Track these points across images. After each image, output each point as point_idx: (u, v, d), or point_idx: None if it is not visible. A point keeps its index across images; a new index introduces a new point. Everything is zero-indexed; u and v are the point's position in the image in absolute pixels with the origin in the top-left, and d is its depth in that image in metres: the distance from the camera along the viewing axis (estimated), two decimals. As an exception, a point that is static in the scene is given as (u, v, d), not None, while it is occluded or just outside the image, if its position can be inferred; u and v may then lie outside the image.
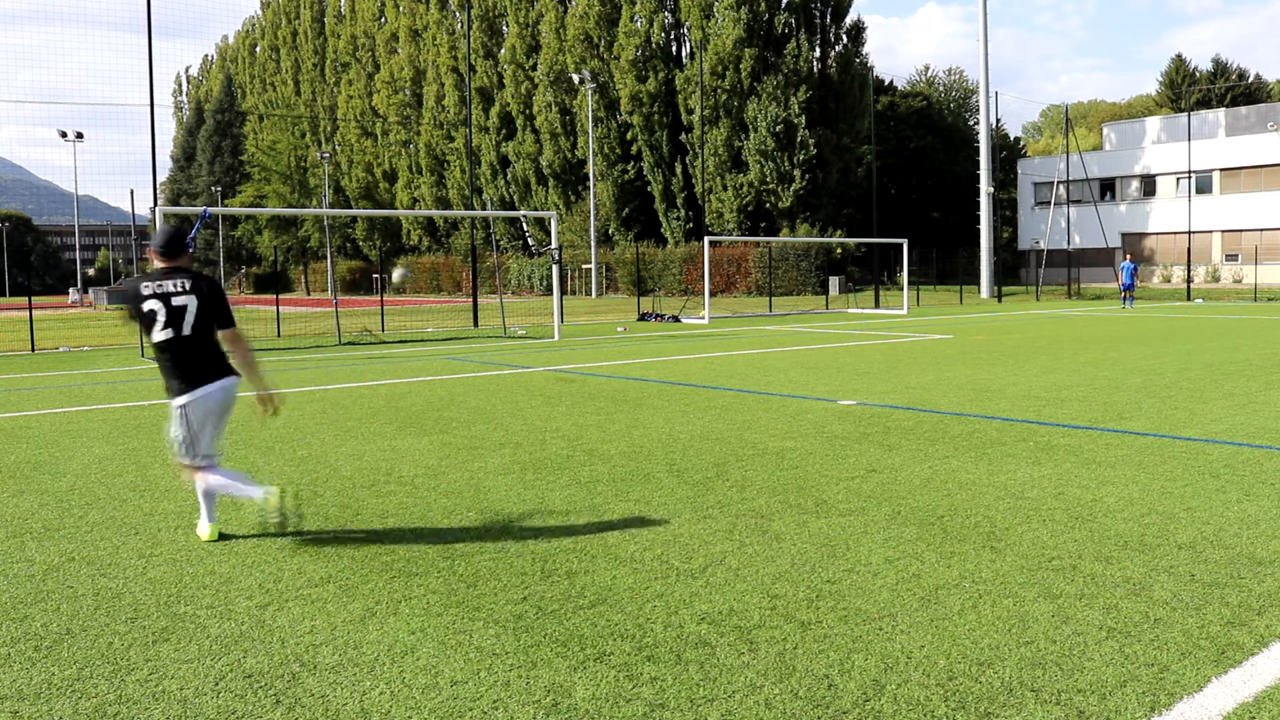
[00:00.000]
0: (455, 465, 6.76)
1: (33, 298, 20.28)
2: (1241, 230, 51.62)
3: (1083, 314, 27.60)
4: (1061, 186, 49.00)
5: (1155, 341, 16.63)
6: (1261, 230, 50.55)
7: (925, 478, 6.13)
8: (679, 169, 53.75)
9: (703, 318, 26.74)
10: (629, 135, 55.30)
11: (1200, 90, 63.92)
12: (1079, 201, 51.42)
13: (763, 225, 50.90)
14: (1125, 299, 32.78)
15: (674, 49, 55.62)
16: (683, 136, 53.49)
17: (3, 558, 4.76)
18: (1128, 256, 36.08)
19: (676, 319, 27.14)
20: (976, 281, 44.41)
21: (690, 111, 52.21)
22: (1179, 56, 78.82)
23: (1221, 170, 52.63)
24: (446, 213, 31.48)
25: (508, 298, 48.33)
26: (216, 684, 3.26)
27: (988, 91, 44.49)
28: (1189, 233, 47.10)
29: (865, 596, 3.98)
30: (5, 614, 3.97)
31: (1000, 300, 39.29)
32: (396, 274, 23.55)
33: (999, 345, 16.46)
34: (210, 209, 18.03)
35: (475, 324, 25.39)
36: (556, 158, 59.79)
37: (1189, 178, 51.26)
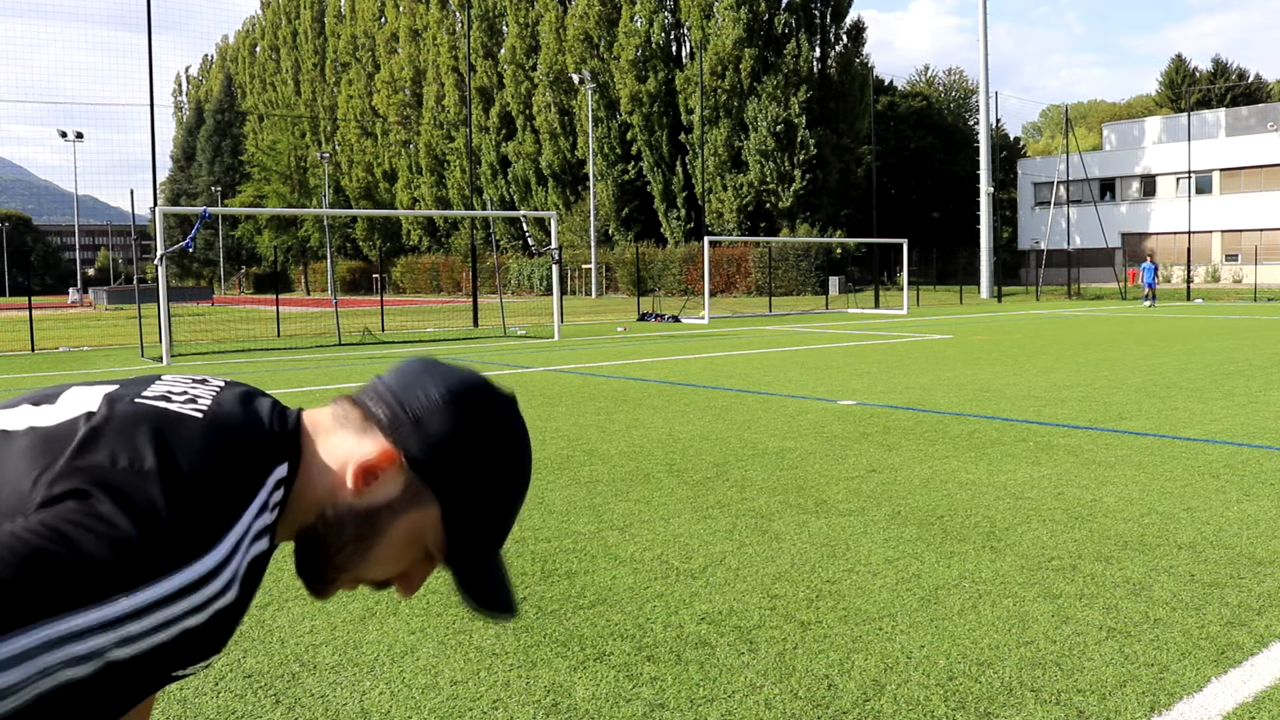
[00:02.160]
0: (455, 465, 6.74)
1: (33, 297, 20.29)
2: (1241, 230, 51.62)
3: (1083, 314, 27.60)
4: (1061, 187, 49.01)
5: (1155, 341, 16.63)
6: (1261, 230, 50.55)
7: (925, 478, 6.12)
8: (679, 169, 53.76)
9: (703, 318, 26.74)
10: (629, 135, 55.31)
11: (1200, 90, 63.93)
12: (1079, 201, 51.44)
13: (763, 225, 50.90)
14: (1147, 297, 33.36)
15: (674, 49, 55.63)
16: (683, 136, 53.49)
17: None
18: (1150, 257, 36.05)
19: (676, 319, 27.14)
20: (976, 281, 44.41)
21: (690, 111, 52.21)
22: (1179, 56, 78.84)
23: (1221, 170, 52.63)
24: (446, 213, 31.53)
25: (508, 298, 48.32)
26: (216, 684, 3.26)
27: (988, 91, 44.50)
28: (1189, 233, 47.11)
29: (865, 596, 3.98)
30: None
31: (1000, 300, 39.29)
32: None
33: (999, 345, 16.46)
34: (210, 209, 18.04)
35: (475, 324, 25.40)
36: (556, 158, 59.79)
37: (1189, 178, 51.28)
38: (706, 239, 28.75)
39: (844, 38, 53.24)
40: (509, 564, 4.46)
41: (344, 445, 1.10)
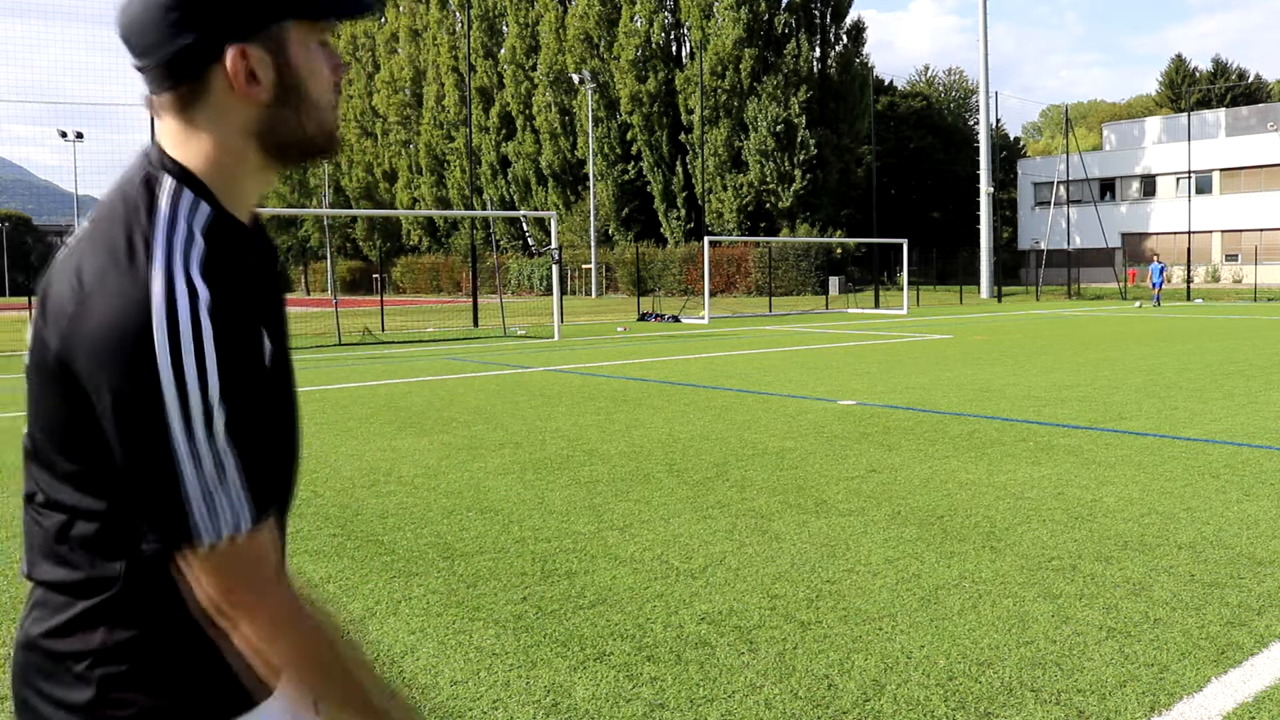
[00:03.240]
0: (455, 465, 6.76)
1: (33, 298, 20.29)
2: (1241, 230, 51.61)
3: (1083, 314, 27.61)
4: (1061, 187, 49.01)
5: (1155, 341, 16.63)
6: (1261, 230, 50.54)
7: (925, 478, 6.13)
8: (679, 169, 53.74)
9: (703, 318, 26.73)
10: (629, 135, 55.29)
11: (1200, 90, 63.93)
12: (1079, 202, 51.46)
13: (763, 225, 50.89)
14: (1154, 297, 33.47)
15: (674, 49, 55.62)
16: (683, 136, 53.48)
17: (3, 558, 4.76)
18: (1155, 258, 36.03)
19: (676, 319, 27.14)
20: (976, 281, 44.41)
21: (690, 111, 52.20)
22: (1179, 56, 78.86)
23: (1221, 170, 52.62)
24: (446, 213, 31.51)
25: (508, 298, 48.31)
26: (216, 684, 3.26)
27: (988, 91, 44.50)
28: (1189, 233, 47.09)
29: (865, 596, 3.98)
30: (5, 615, 3.97)
31: (1000, 300, 39.29)
32: None
33: (999, 345, 16.46)
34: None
35: (475, 324, 25.40)
36: (556, 158, 59.78)
37: (1189, 178, 51.27)
38: (706, 239, 28.75)
39: (844, 38, 53.25)
40: (510, 565, 4.47)
41: (191, 111, 1.12)
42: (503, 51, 63.35)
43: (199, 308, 1.02)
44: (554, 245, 22.04)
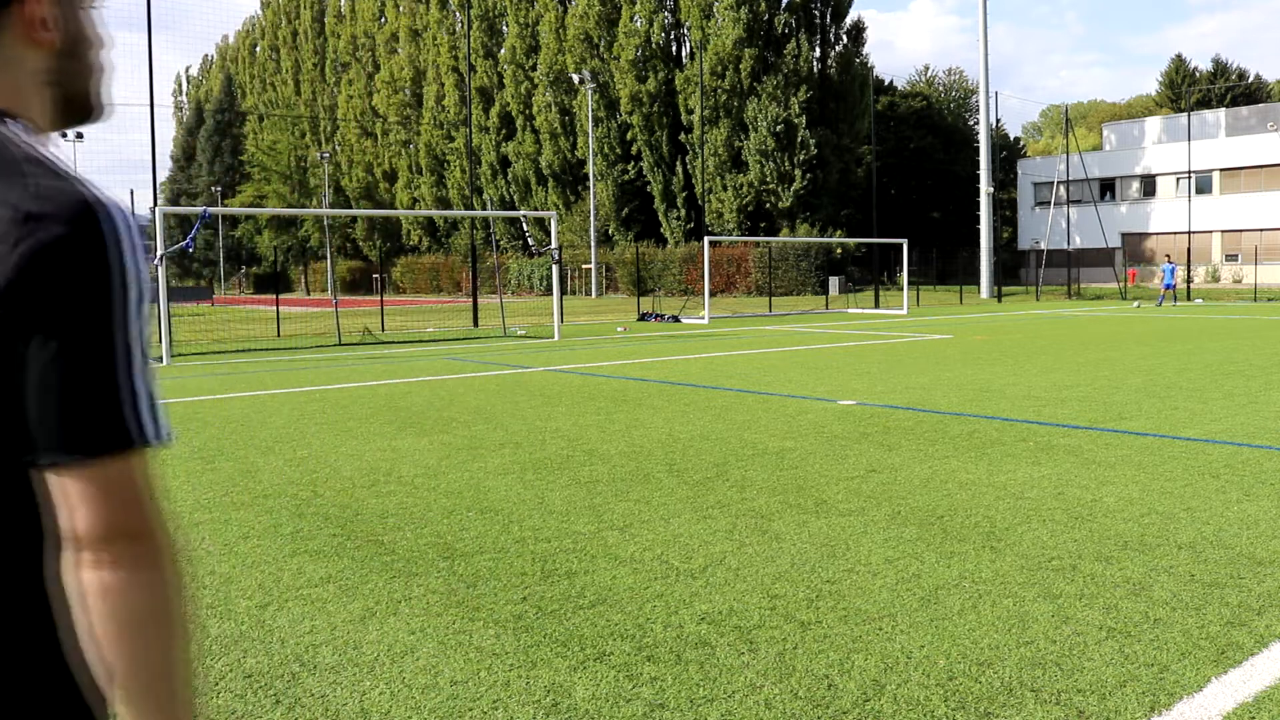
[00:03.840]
0: (455, 465, 6.76)
1: None
2: (1241, 230, 51.61)
3: (1083, 314, 27.60)
4: (1061, 187, 49.00)
5: (1155, 341, 16.63)
6: (1261, 230, 50.54)
7: (925, 478, 6.13)
8: (679, 169, 53.75)
9: (703, 318, 26.73)
10: (629, 135, 55.30)
11: (1200, 90, 63.92)
12: (1079, 202, 51.45)
13: (763, 225, 50.90)
14: (1164, 298, 33.83)
15: (674, 49, 55.63)
16: (683, 136, 53.49)
17: None
18: (1168, 258, 36.26)
19: (676, 319, 27.14)
20: (976, 281, 44.41)
21: (690, 111, 52.22)
22: (1179, 56, 78.88)
23: (1221, 170, 52.62)
24: (446, 213, 31.47)
25: (508, 298, 48.31)
26: (216, 684, 3.26)
27: (988, 91, 44.51)
28: (1189, 233, 47.09)
29: (865, 596, 3.98)
30: None
31: (1000, 300, 39.29)
32: None
33: (999, 345, 16.46)
34: (210, 209, 18.03)
35: (475, 324, 25.40)
36: (556, 158, 59.80)
37: (1189, 178, 51.27)
38: (706, 239, 28.76)
39: (844, 38, 53.28)
40: (510, 565, 4.47)
41: None
42: (503, 51, 63.36)
43: (129, 214, 1.04)
44: (554, 245, 22.04)
